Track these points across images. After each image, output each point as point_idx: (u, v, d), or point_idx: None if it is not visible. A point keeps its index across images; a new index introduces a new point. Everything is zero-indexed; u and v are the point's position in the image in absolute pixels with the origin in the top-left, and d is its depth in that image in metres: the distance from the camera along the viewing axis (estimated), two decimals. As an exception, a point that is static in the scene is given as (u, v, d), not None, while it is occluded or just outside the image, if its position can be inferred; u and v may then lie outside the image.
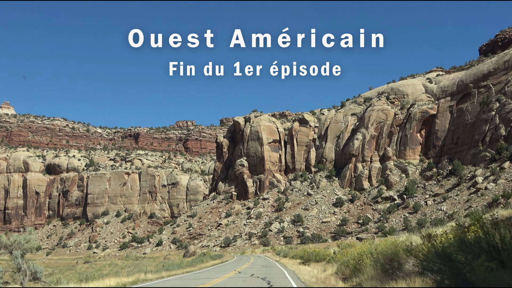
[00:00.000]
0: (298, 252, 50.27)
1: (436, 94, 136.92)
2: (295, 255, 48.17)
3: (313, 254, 38.58)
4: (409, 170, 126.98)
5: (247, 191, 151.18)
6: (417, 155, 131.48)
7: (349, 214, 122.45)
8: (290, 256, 50.15)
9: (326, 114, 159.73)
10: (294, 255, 48.44)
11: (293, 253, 52.44)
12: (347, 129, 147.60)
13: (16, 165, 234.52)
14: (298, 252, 50.27)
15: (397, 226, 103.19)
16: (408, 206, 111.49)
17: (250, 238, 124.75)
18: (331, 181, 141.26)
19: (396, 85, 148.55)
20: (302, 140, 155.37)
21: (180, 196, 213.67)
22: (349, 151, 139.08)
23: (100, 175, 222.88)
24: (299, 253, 45.67)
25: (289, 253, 55.64)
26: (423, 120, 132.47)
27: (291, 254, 51.68)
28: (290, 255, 51.32)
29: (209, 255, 64.30)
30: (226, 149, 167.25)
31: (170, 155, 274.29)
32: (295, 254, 48.59)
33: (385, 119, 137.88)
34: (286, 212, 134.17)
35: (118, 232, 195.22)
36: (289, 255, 51.46)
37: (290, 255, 51.15)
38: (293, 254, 49.73)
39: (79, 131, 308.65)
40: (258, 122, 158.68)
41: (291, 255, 50.41)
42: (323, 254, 37.03)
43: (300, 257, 42.19)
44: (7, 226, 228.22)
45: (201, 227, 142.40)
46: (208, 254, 66.74)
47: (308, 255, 39.27)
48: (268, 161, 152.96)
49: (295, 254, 48.59)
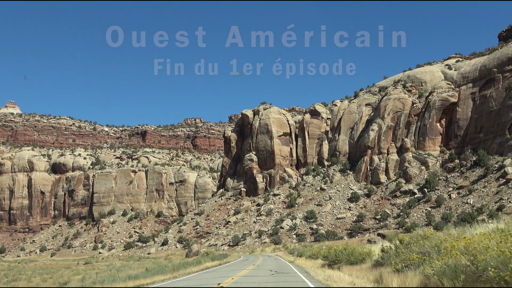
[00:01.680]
0: (316, 250, 42.12)
1: (456, 80, 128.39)
2: (313, 254, 39.91)
3: (343, 253, 28.43)
4: (429, 162, 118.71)
5: (256, 187, 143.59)
6: (437, 146, 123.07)
7: (365, 210, 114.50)
8: (307, 255, 41.99)
9: (338, 105, 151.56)
10: (312, 254, 40.18)
11: (310, 251, 44.13)
12: (362, 120, 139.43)
13: (20, 165, 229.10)
14: (316, 250, 42.12)
15: (419, 222, 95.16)
16: (430, 200, 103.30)
17: (260, 236, 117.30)
18: (345, 175, 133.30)
19: (413, 73, 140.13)
20: (314, 132, 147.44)
21: (188, 194, 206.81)
22: (364, 143, 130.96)
23: (106, 173, 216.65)
24: (320, 252, 37.49)
25: (305, 251, 47.39)
26: (443, 109, 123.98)
27: (307, 253, 43.35)
28: (307, 254, 42.98)
29: (212, 255, 57.09)
30: (234, 144, 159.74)
31: (178, 152, 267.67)
32: (313, 253, 40.33)
33: (402, 108, 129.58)
34: (298, 208, 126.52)
35: (125, 231, 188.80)
36: (305, 254, 43.20)
37: (306, 254, 42.88)
38: (311, 253, 41.50)
39: (85, 129, 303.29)
40: (268, 114, 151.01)
41: (307, 254, 42.20)
42: (360, 252, 26.94)
43: (324, 257, 33.24)
44: (12, 227, 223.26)
45: (208, 225, 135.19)
46: (212, 254, 59.60)
47: (337, 254, 29.22)
48: (278, 155, 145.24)
49: (313, 253, 40.33)
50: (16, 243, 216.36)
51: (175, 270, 32.42)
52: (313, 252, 41.90)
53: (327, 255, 31.48)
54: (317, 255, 37.80)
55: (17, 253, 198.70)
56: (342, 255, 28.79)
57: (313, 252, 41.70)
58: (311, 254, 40.80)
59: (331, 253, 30.71)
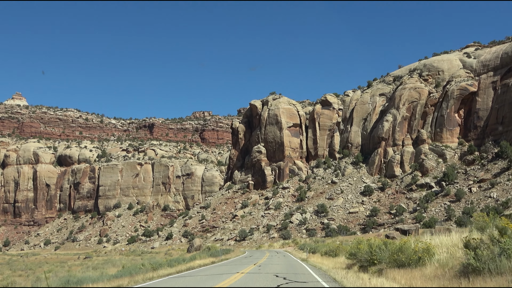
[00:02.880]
0: (333, 245, 35.79)
1: (476, 69, 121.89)
2: (330, 250, 33.44)
3: (384, 250, 20.43)
4: (447, 154, 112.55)
5: (265, 179, 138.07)
6: (455, 138, 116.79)
7: (379, 204, 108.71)
8: (322, 251, 35.64)
9: (351, 95, 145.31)
10: (329, 250, 33.67)
11: (325, 247, 37.59)
12: (375, 110, 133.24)
13: (26, 157, 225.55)
14: (333, 245, 35.79)
15: (438, 216, 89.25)
16: (449, 193, 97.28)
17: (268, 231, 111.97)
18: (357, 168, 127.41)
19: (429, 61, 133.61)
20: (325, 123, 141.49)
21: (195, 188, 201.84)
22: (377, 135, 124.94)
23: (112, 166, 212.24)
24: (339, 248, 31.40)
25: (319, 247, 40.93)
26: (461, 99, 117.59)
27: (322, 249, 36.85)
28: (321, 250, 36.53)
29: (213, 250, 51.89)
30: (242, 135, 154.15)
31: (185, 145, 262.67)
32: (330, 250, 33.75)
33: (418, 98, 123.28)
34: (309, 202, 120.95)
35: (130, 225, 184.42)
36: (320, 251, 36.81)
37: (321, 251, 36.46)
38: (327, 249, 34.98)
39: (92, 122, 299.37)
40: (277, 105, 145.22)
41: (322, 251, 35.77)
42: (414, 249, 18.37)
43: (350, 255, 24.83)
44: (17, 220, 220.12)
45: (215, 219, 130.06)
46: (213, 249, 54.39)
47: (373, 251, 20.84)
48: (288, 147, 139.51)
49: (330, 250, 33.75)
50: (20, 236, 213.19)
51: (154, 269, 27.15)
52: (329, 248, 35.27)
53: (355, 252, 23.39)
54: (335, 252, 31.52)
55: (21, 247, 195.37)
56: (382, 253, 20.44)
57: (330, 248, 34.98)
58: (327, 251, 34.27)
59: (363, 249, 22.39)
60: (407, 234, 61.43)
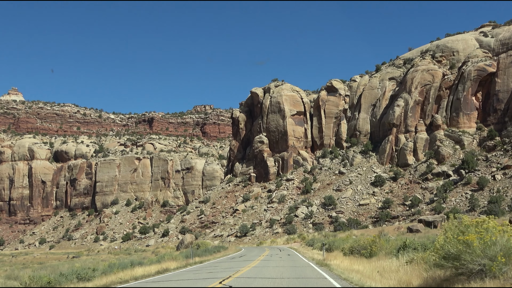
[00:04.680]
0: (363, 240, 25.15)
1: (494, 48, 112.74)
2: (358, 247, 23.82)
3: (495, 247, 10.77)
4: (465, 140, 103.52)
5: (267, 171, 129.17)
6: (473, 122, 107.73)
7: (392, 195, 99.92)
8: (345, 249, 25.53)
9: (358, 80, 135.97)
10: (358, 247, 24.11)
11: (348, 243, 27.72)
12: (385, 95, 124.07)
13: (21, 153, 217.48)
14: (363, 240, 25.15)
15: (460, 207, 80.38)
16: (470, 182, 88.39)
17: (271, 226, 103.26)
18: (367, 157, 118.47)
19: (442, 42, 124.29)
20: (331, 111, 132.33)
21: (196, 182, 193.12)
22: (388, 121, 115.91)
23: (109, 161, 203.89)
24: (378, 243, 22.25)
25: (337, 243, 31.09)
26: (479, 80, 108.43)
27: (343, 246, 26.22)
28: (342, 247, 26.34)
29: (204, 247, 43.38)
30: (243, 125, 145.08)
31: (185, 139, 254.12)
32: (359, 246, 24.21)
33: (432, 81, 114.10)
34: (315, 194, 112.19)
35: (128, 222, 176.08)
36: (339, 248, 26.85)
37: (342, 248, 26.34)
38: (352, 246, 25.48)
39: (90, 117, 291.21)
40: (279, 91, 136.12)
41: (345, 248, 26.07)
42: None
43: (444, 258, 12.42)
44: (13, 218, 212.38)
45: (214, 214, 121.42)
46: (204, 247, 45.88)
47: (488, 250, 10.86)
48: (291, 136, 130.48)
49: (359, 246, 24.21)
50: (16, 235, 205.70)
51: (105, 274, 18.88)
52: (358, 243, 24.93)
53: (456, 253, 11.82)
54: (371, 249, 22.25)
55: (16, 246, 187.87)
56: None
57: (360, 243, 24.98)
58: (354, 248, 24.89)
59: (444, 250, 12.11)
60: (431, 227, 52.68)
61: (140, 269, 26.47)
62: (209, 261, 33.13)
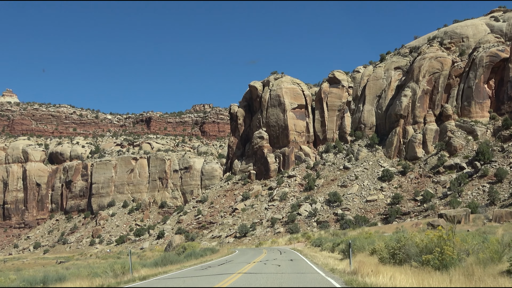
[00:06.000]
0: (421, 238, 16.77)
1: (507, 33, 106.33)
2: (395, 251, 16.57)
3: None
4: (478, 131, 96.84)
5: (268, 168, 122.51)
6: (485, 111, 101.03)
7: (401, 190, 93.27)
8: (385, 253, 18.51)
9: (362, 71, 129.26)
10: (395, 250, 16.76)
11: (381, 243, 19.85)
12: (391, 86, 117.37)
13: (15, 155, 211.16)
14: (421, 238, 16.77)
15: (478, 201, 73.66)
16: (487, 174, 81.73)
17: (273, 225, 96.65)
18: (373, 151, 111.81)
19: (450, 28, 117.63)
20: (334, 103, 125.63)
21: (194, 182, 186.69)
22: (395, 112, 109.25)
23: (105, 162, 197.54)
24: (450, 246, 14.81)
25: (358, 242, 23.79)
26: (491, 67, 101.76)
27: (378, 247, 19.42)
28: (379, 249, 18.95)
29: (190, 250, 36.89)
30: (242, 121, 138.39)
31: (184, 138, 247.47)
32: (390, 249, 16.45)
33: (441, 68, 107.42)
34: (318, 191, 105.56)
35: (125, 224, 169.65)
36: (372, 251, 19.33)
37: (377, 251, 19.08)
38: (392, 248, 18.03)
39: (87, 118, 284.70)
40: (279, 84, 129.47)
41: (385, 252, 18.88)
42: None
43: None
44: (7, 223, 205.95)
45: (212, 213, 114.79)
46: (190, 249, 39.38)
47: None
48: (292, 130, 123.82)
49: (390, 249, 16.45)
50: (10, 239, 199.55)
51: None
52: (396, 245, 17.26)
53: None
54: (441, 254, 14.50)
55: (10, 251, 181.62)
56: None
57: (405, 243, 17.10)
58: (395, 252, 16.87)
59: None
60: (455, 222, 45.82)
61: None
62: (166, 274, 24.15)
